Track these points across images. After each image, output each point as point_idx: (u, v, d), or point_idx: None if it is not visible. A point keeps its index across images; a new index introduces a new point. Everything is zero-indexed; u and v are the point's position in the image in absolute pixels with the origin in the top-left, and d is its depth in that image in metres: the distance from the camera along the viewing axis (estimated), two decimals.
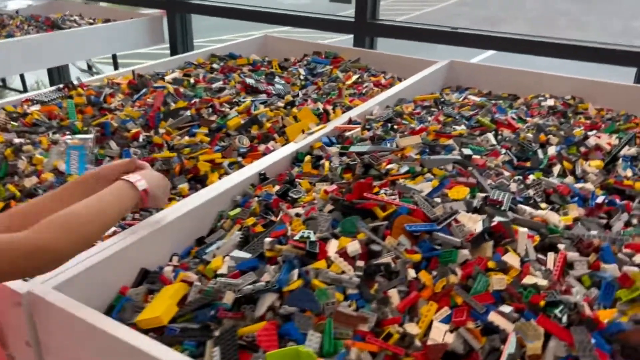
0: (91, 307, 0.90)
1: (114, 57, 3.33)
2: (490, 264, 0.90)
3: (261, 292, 0.84)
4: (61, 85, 1.72)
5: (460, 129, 1.51)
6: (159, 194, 0.95)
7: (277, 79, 2.02)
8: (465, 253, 0.91)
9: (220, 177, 1.30)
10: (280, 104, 1.64)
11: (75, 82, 1.75)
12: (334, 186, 1.13)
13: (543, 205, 1.14)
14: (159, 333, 0.86)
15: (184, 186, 1.29)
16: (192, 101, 1.59)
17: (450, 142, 1.36)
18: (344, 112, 1.64)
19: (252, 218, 1.09)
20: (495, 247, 0.94)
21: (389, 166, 1.20)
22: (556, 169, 1.35)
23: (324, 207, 1.04)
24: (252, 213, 1.11)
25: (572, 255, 0.94)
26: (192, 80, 1.92)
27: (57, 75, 3.75)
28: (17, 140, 1.42)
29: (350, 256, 0.91)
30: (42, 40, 2.65)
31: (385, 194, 1.05)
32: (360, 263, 0.90)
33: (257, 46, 2.59)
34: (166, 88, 1.67)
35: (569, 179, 1.29)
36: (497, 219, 0.97)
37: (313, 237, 0.92)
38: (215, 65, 2.17)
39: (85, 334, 0.79)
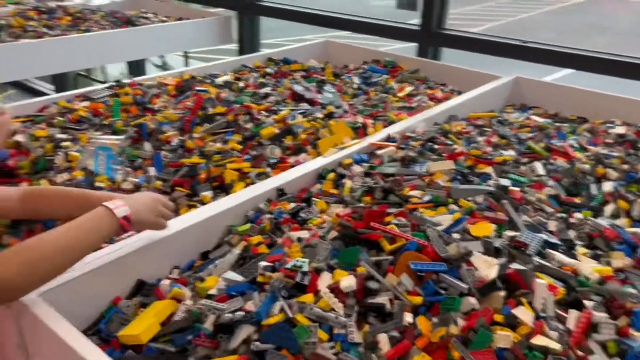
0: (84, 316, 0.91)
1: (186, 54, 3.41)
2: (498, 317, 0.81)
3: (238, 323, 0.79)
4: (113, 83, 1.77)
5: (507, 154, 1.39)
6: (147, 217, 0.92)
7: (327, 87, 1.97)
8: (471, 301, 0.82)
9: (246, 187, 1.27)
10: (319, 114, 1.59)
11: (125, 81, 1.79)
12: (348, 210, 1.06)
13: (582, 250, 1.01)
14: (138, 350, 0.84)
15: (206, 194, 1.27)
16: (231, 107, 1.57)
17: (489, 169, 1.25)
18: (385, 127, 1.57)
19: (259, 237, 1.05)
20: (508, 297, 0.84)
21: (412, 192, 1.12)
22: (609, 209, 1.21)
23: (327, 233, 0.97)
24: (261, 231, 1.07)
25: (599, 315, 0.82)
26: (241, 84, 1.91)
27: (136, 68, 3.92)
28: (58, 136, 1.47)
29: (344, 292, 0.84)
30: (117, 35, 2.75)
31: (398, 224, 0.97)
32: (353, 301, 0.83)
33: (318, 51, 2.56)
34: (208, 92, 1.67)
35: (623, 222, 1.15)
36: (515, 265, 0.87)
37: (306, 267, 0.86)
38: (269, 70, 2.15)
39: (58, 348, 0.78)
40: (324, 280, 0.86)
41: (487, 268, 0.88)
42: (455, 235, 0.96)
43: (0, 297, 0.75)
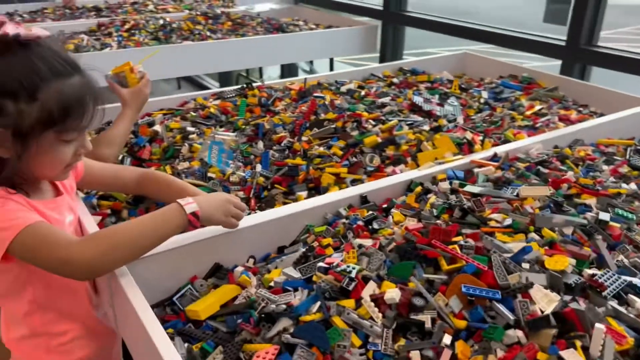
0: (164, 287, 1.03)
1: (331, 60, 3.56)
2: (542, 356, 0.75)
3: (279, 315, 0.85)
4: (244, 85, 1.93)
5: (625, 187, 1.26)
6: (216, 216, 0.99)
7: (451, 100, 1.94)
8: (516, 334, 0.78)
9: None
10: (426, 127, 1.58)
11: (255, 84, 1.94)
12: (419, 225, 1.06)
13: None
14: (197, 326, 0.94)
15: (301, 194, 1.34)
16: (342, 114, 1.63)
17: (592, 201, 1.15)
18: (494, 145, 1.51)
19: (330, 239, 1.09)
20: (560, 337, 0.78)
21: (493, 215, 1.07)
22: None
23: (388, 245, 0.98)
24: (334, 234, 1.11)
25: None
26: (363, 93, 1.96)
27: (288, 71, 4.18)
28: (188, 129, 1.65)
29: (387, 303, 0.85)
30: (267, 41, 2.99)
31: (463, 245, 0.94)
32: (394, 313, 0.84)
33: (455, 63, 2.51)
34: (323, 99, 1.75)
35: None
36: (574, 305, 0.80)
37: (354, 274, 0.89)
38: (395, 80, 2.18)
39: (129, 313, 0.89)
40: (369, 289, 0.87)
41: (546, 303, 0.83)
42: (525, 266, 0.91)
43: (78, 275, 0.88)
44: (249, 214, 1.29)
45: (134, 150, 1.54)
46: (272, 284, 0.97)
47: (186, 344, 0.88)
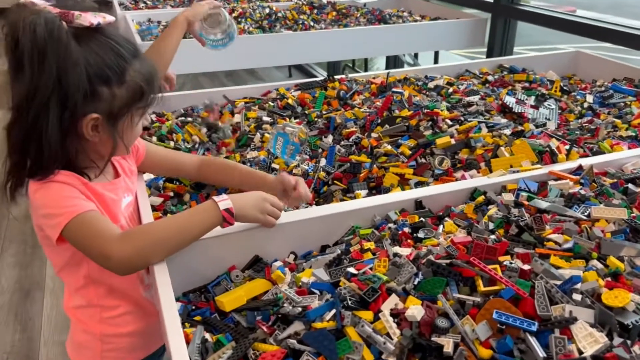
0: (202, 274, 1.05)
1: (436, 53, 3.43)
2: None
3: (292, 318, 0.82)
4: (325, 77, 1.91)
5: None
6: (251, 213, 0.99)
7: (548, 103, 1.77)
8: None
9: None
10: (508, 131, 1.45)
11: (338, 76, 1.91)
12: (468, 238, 0.97)
13: None
14: (223, 316, 0.94)
15: (360, 192, 1.30)
16: (417, 111, 1.55)
17: None
18: (583, 156, 1.35)
19: (372, 243, 1.04)
20: None
21: (553, 236, 0.96)
22: None
23: (425, 256, 0.92)
24: (379, 238, 1.06)
25: None
26: (450, 90, 1.86)
27: (393, 63, 4.10)
28: (264, 118, 1.67)
29: (408, 320, 0.79)
30: (367, 32, 2.94)
31: (508, 267, 0.85)
32: (413, 332, 0.78)
33: (566, 62, 2.30)
34: (401, 94, 1.68)
35: None
36: (620, 350, 0.69)
37: (377, 284, 0.84)
38: (490, 77, 2.04)
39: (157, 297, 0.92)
40: (391, 303, 0.82)
41: (588, 343, 0.72)
42: (577, 297, 0.80)
43: (116, 270, 0.91)
44: (307, 207, 1.28)
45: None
46: (300, 283, 0.94)
47: (207, 334, 0.89)
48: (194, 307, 0.99)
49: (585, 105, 1.81)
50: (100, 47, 0.90)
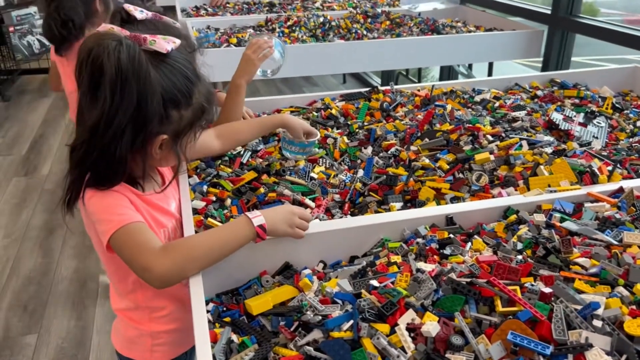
0: (236, 278, 1.11)
1: (490, 65, 3.38)
2: None
3: (312, 325, 0.86)
4: (370, 89, 1.94)
5: None
6: (282, 228, 1.03)
7: (598, 120, 1.73)
8: None
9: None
10: (549, 149, 1.43)
11: (382, 87, 1.93)
12: (494, 257, 0.98)
13: None
14: (250, 319, 0.99)
15: (395, 205, 1.32)
16: (458, 126, 1.55)
17: None
18: (626, 178, 1.32)
19: (399, 257, 1.06)
20: None
21: (580, 260, 0.95)
22: None
23: (448, 273, 0.93)
24: (407, 252, 1.08)
25: None
26: (496, 104, 1.85)
27: (447, 73, 4.07)
28: None
29: (423, 335, 0.81)
30: (419, 42, 2.94)
31: (529, 289, 0.86)
32: (427, 348, 0.80)
33: (623, 78, 2.22)
34: (443, 108, 1.68)
35: None
36: None
37: (396, 299, 0.86)
38: (540, 92, 2.00)
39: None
40: (407, 317, 0.84)
41: None
42: (597, 323, 0.80)
43: (154, 284, 0.96)
44: (342, 217, 1.32)
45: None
46: (325, 292, 0.98)
47: (234, 335, 0.94)
48: (224, 309, 1.04)
49: (639, 124, 1.75)
50: (172, 72, 0.94)
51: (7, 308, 2.50)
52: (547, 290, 0.85)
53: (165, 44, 0.92)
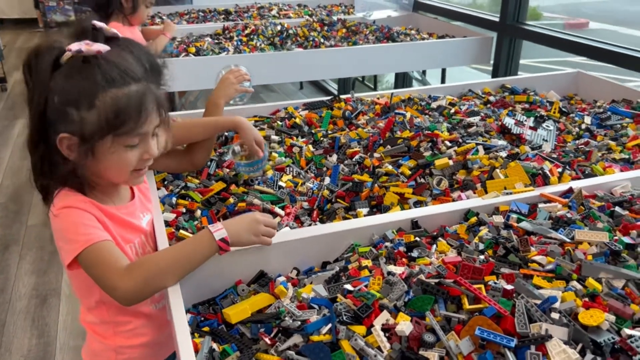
0: (212, 287, 1.13)
1: (443, 71, 3.50)
2: None
3: (292, 331, 0.90)
4: (331, 97, 1.99)
5: None
6: (246, 238, 1.05)
7: (547, 124, 1.84)
8: None
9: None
10: (504, 153, 1.52)
11: (343, 96, 1.99)
12: (458, 258, 1.04)
13: None
14: (230, 327, 1.02)
15: (362, 210, 1.38)
16: (418, 133, 1.62)
17: None
18: (575, 179, 1.42)
19: (369, 261, 1.11)
20: None
21: (537, 257, 1.03)
22: None
23: (417, 275, 0.99)
24: (376, 256, 1.14)
25: None
26: (452, 110, 1.93)
27: (402, 79, 4.18)
28: (273, 137, 1.75)
29: (398, 335, 0.87)
30: (375, 50, 3.02)
31: (493, 287, 0.92)
32: (402, 346, 0.85)
33: (567, 82, 2.36)
34: (403, 116, 1.75)
35: None
36: None
37: (371, 301, 0.91)
38: (492, 98, 2.10)
39: (168, 309, 0.99)
40: (382, 318, 0.89)
41: (562, 359, 0.79)
42: (555, 316, 0.87)
43: (122, 302, 0.98)
44: (311, 224, 1.36)
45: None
46: (301, 298, 1.02)
47: (215, 344, 0.96)
48: (202, 319, 1.06)
49: (583, 126, 1.87)
50: (77, 73, 0.95)
51: None
52: (509, 287, 0.92)
53: (75, 45, 0.95)
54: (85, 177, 1.03)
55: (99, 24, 1.05)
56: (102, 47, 0.96)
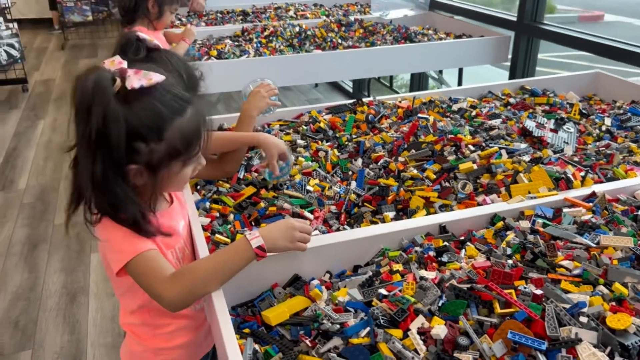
0: (250, 291, 1.18)
1: (460, 69, 3.52)
2: None
3: (333, 333, 0.95)
4: (354, 101, 2.03)
5: None
6: (282, 244, 1.08)
7: (567, 126, 1.87)
8: None
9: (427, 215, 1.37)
10: (527, 157, 1.55)
11: (366, 99, 2.03)
12: (488, 263, 1.09)
13: None
14: (269, 329, 1.07)
15: (388, 214, 1.42)
16: (441, 137, 1.66)
17: None
18: (598, 182, 1.45)
19: (400, 265, 1.16)
20: None
21: (564, 262, 1.07)
22: None
23: (449, 280, 1.03)
24: (406, 261, 1.18)
25: None
26: (473, 113, 1.97)
27: (418, 80, 4.20)
28: (299, 141, 1.80)
29: (433, 338, 0.91)
30: (393, 50, 3.06)
31: (523, 291, 0.97)
32: (437, 349, 0.90)
33: (586, 83, 2.38)
34: (426, 120, 1.79)
35: None
36: None
37: (406, 306, 0.96)
38: (512, 100, 2.13)
39: (211, 311, 1.05)
40: (418, 322, 0.94)
41: None
42: (583, 320, 0.91)
43: (167, 308, 1.03)
44: (339, 228, 1.41)
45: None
46: (337, 301, 1.07)
47: (256, 345, 1.02)
48: (242, 320, 1.12)
49: (604, 128, 1.90)
50: (141, 106, 0.96)
51: None
52: (539, 292, 0.96)
53: (136, 80, 0.96)
54: (146, 195, 1.07)
55: (142, 35, 1.10)
56: (159, 78, 0.98)
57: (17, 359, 2.31)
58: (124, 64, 0.99)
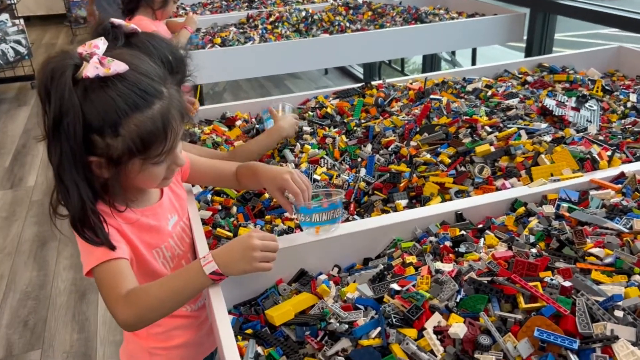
0: (252, 288, 1.11)
1: (474, 50, 3.40)
2: None
3: (339, 334, 0.87)
4: (362, 84, 1.94)
5: None
6: (238, 268, 0.96)
7: (590, 104, 1.76)
8: None
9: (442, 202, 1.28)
10: (548, 137, 1.45)
11: (375, 82, 1.93)
12: (509, 253, 0.99)
13: None
14: (272, 329, 0.99)
15: (400, 202, 1.33)
16: (456, 118, 1.56)
17: None
18: (626, 162, 1.34)
19: (414, 257, 1.07)
20: None
21: (594, 250, 0.97)
22: None
23: (467, 272, 0.94)
24: (421, 251, 1.09)
25: None
26: (489, 93, 1.86)
27: (430, 62, 4.08)
28: (305, 128, 1.71)
29: (451, 338, 0.83)
30: (403, 32, 2.95)
31: (549, 283, 0.87)
32: (456, 349, 0.81)
33: (607, 58, 2.26)
34: (439, 101, 1.69)
35: None
36: None
37: (421, 302, 0.87)
38: (529, 78, 2.02)
39: (210, 310, 0.97)
40: (434, 320, 0.85)
41: None
42: (619, 314, 0.82)
43: (121, 327, 0.96)
44: (348, 218, 1.32)
45: None
46: (345, 298, 0.98)
47: (259, 347, 0.94)
48: (244, 320, 1.04)
49: (629, 104, 1.78)
50: (97, 98, 0.89)
51: (6, 325, 2.47)
52: (567, 283, 0.87)
53: (92, 69, 0.88)
54: (114, 188, 0.98)
55: (117, 21, 1.03)
56: (120, 67, 0.90)
57: (27, 358, 2.27)
58: (98, 49, 0.91)
